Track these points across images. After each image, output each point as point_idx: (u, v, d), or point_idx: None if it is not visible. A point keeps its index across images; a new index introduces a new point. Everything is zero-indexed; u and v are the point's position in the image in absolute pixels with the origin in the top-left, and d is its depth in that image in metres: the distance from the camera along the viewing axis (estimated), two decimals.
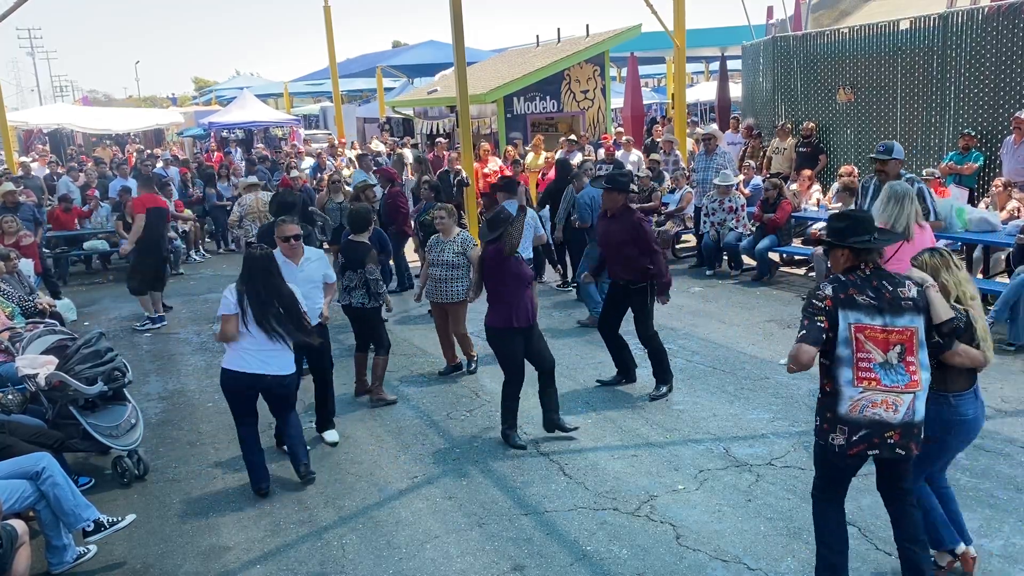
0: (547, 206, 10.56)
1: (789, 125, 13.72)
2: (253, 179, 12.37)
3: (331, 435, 6.22)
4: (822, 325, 3.50)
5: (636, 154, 14.70)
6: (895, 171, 6.40)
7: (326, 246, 10.07)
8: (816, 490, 3.85)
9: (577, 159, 13.76)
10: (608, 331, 6.93)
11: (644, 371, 7.28)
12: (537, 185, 14.12)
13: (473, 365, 7.60)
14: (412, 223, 10.41)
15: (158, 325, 9.96)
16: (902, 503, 3.78)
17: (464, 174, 13.01)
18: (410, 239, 10.88)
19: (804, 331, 3.51)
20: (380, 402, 6.87)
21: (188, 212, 14.42)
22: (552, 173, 11.56)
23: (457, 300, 7.25)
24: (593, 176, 9.23)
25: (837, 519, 3.79)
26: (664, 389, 6.70)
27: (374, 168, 16.09)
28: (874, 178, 6.61)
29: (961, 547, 4.00)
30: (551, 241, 10.06)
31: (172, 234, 11.00)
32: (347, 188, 11.85)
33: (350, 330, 9.15)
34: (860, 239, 3.61)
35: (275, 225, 6.23)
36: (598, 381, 7.05)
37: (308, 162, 18.61)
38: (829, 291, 3.54)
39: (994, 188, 9.24)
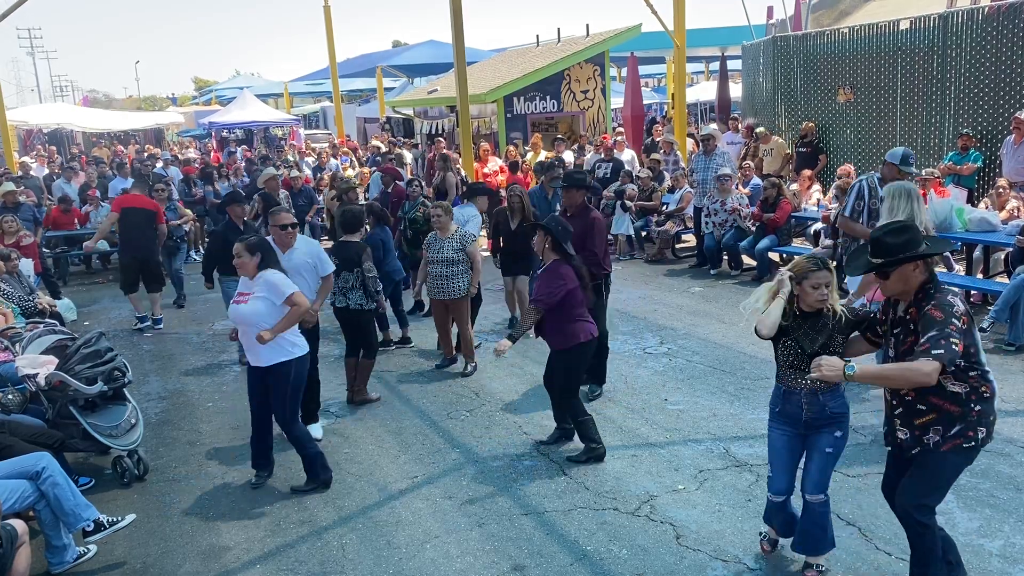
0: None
1: (763, 129, 13.76)
2: (272, 170, 12.32)
3: (315, 430, 6.17)
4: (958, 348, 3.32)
5: (629, 152, 14.68)
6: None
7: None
8: (934, 514, 3.63)
9: (567, 156, 13.80)
10: None
11: (645, 371, 7.29)
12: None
13: (470, 368, 7.58)
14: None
15: (146, 324, 9.85)
16: None
17: (464, 174, 13.01)
18: None
19: (948, 355, 3.26)
20: (364, 402, 6.88)
21: (188, 212, 14.40)
22: None
23: (460, 296, 7.32)
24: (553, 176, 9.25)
25: None
26: (599, 391, 6.73)
27: (374, 168, 16.11)
28: (875, 176, 6.55)
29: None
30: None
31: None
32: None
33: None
34: (936, 247, 3.58)
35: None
36: None
37: (308, 162, 18.64)
38: (962, 308, 3.37)
39: (1000, 190, 9.22)
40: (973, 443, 3.53)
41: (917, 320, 3.42)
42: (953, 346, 3.26)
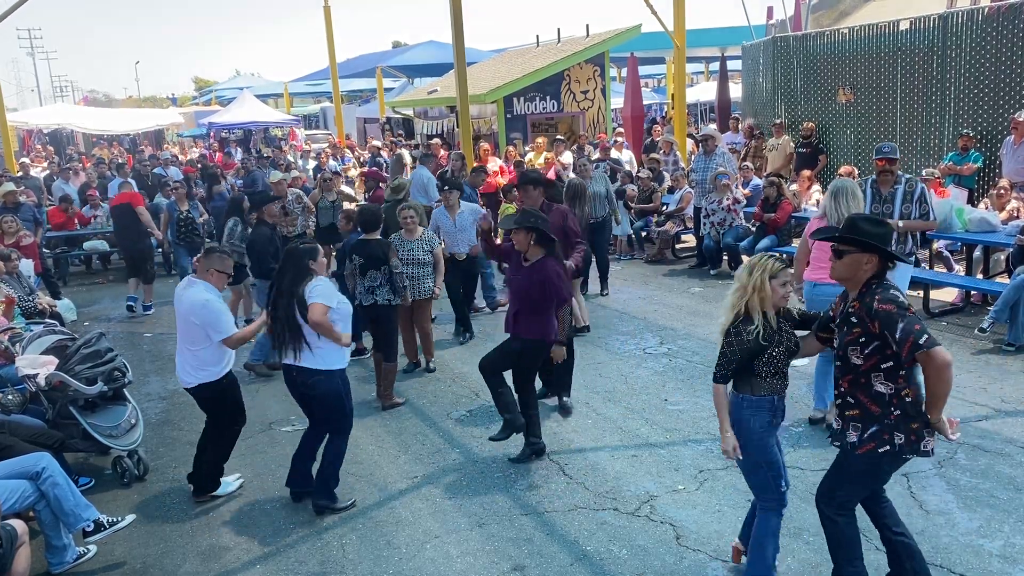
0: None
1: (779, 121, 13.73)
2: (279, 173, 12.35)
3: (226, 484, 5.49)
4: None
5: (627, 153, 14.68)
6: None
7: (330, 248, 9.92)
8: (849, 509, 3.69)
9: (567, 158, 13.79)
10: None
11: (645, 371, 7.29)
12: None
13: (432, 365, 7.66)
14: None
15: (132, 303, 10.69)
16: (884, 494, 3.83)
17: None
18: None
19: (930, 336, 3.31)
20: (392, 406, 6.87)
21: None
22: (551, 174, 11.58)
23: (427, 296, 7.44)
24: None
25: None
26: (567, 399, 6.59)
27: (367, 168, 16.13)
28: (871, 180, 6.57)
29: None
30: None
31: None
32: (343, 188, 11.90)
33: None
34: (896, 250, 3.68)
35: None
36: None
37: (311, 163, 18.66)
38: (904, 298, 3.47)
39: (1001, 191, 9.22)
40: (888, 447, 3.51)
41: (860, 312, 3.49)
42: (921, 325, 3.35)
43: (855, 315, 3.53)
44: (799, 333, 3.87)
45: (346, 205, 10.57)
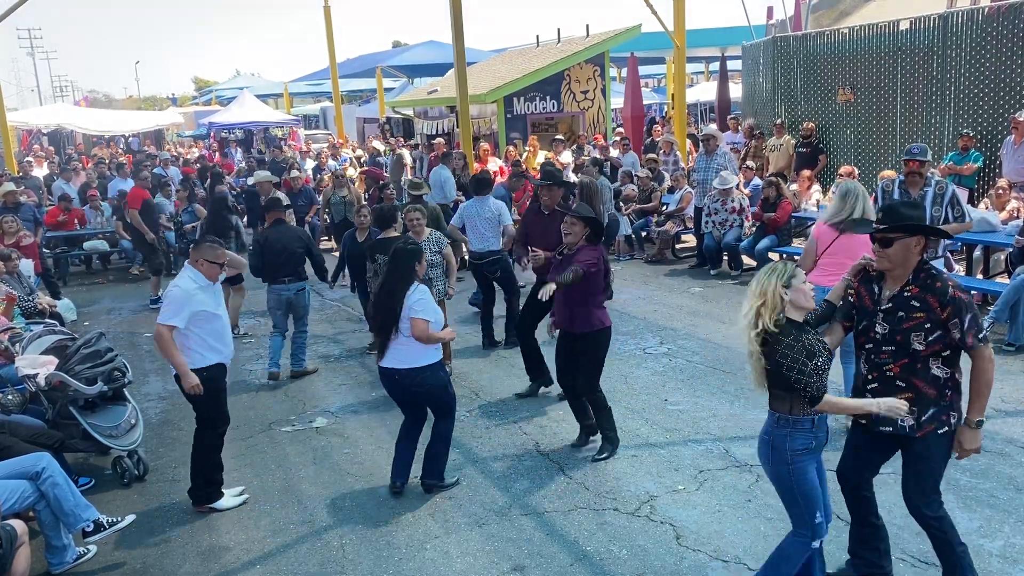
0: None
1: (780, 121, 13.72)
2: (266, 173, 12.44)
3: (224, 502, 5.27)
4: None
5: (631, 156, 14.68)
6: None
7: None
8: (939, 497, 3.67)
9: (566, 157, 13.79)
10: (526, 331, 6.85)
11: (645, 371, 7.29)
12: None
13: (449, 370, 7.54)
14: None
15: (154, 306, 10.63)
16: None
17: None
18: None
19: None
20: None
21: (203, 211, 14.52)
22: None
23: (439, 299, 7.30)
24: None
25: None
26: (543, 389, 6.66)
27: (365, 168, 16.13)
28: (899, 181, 6.60)
29: None
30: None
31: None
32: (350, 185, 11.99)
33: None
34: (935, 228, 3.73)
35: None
36: (516, 395, 6.90)
37: (311, 163, 18.67)
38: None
39: (1001, 191, 9.22)
40: (946, 428, 3.57)
41: (923, 296, 3.46)
42: (982, 319, 3.49)
43: (915, 299, 3.47)
44: None
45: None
